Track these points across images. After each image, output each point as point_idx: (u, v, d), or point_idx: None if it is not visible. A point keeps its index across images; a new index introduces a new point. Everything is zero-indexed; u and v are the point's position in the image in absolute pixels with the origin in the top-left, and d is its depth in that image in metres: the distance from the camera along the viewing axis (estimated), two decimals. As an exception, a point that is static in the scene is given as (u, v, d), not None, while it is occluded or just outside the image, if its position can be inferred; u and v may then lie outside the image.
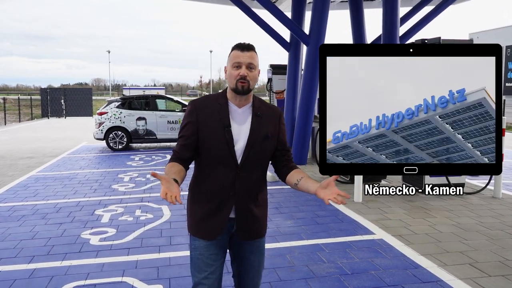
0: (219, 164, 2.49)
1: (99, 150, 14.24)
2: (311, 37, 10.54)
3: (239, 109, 2.53)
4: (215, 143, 2.47)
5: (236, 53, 2.46)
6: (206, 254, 2.54)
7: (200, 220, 2.56)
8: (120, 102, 14.38)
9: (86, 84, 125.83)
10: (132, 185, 8.83)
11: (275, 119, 2.61)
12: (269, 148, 2.57)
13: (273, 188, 8.39)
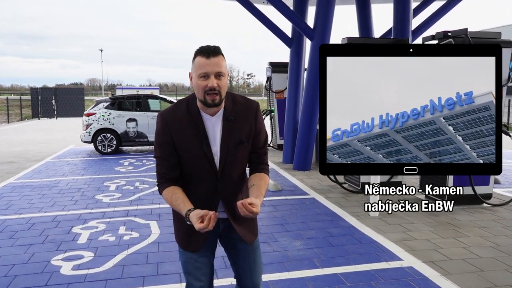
0: (200, 177, 2.41)
1: (87, 154, 13.27)
2: (316, 31, 9.62)
3: (212, 117, 2.38)
4: (193, 157, 2.37)
5: (201, 60, 2.25)
6: (194, 258, 2.51)
7: (187, 234, 2.47)
8: (109, 102, 13.42)
9: (81, 84, 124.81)
10: (118, 195, 7.89)
11: (251, 117, 2.44)
12: (245, 153, 2.46)
13: (275, 199, 7.46)
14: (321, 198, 7.56)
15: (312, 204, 7.18)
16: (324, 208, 6.93)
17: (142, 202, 7.37)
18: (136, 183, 8.92)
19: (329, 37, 9.67)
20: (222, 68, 2.27)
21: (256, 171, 2.53)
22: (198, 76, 2.27)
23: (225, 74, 2.30)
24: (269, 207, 6.99)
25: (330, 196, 7.69)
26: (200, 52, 2.27)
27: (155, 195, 7.89)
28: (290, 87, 11.34)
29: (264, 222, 6.17)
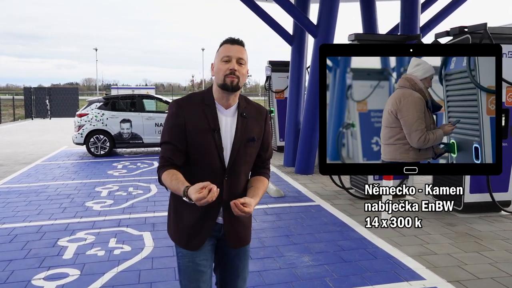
0: (207, 168, 2.35)
1: (79, 156, 12.73)
2: (320, 28, 9.12)
3: (225, 110, 2.39)
4: (204, 146, 2.33)
5: (225, 47, 2.34)
6: (196, 261, 2.42)
7: (187, 229, 2.41)
8: (103, 103, 12.88)
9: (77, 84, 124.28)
10: (109, 202, 7.37)
11: (261, 120, 2.48)
12: (254, 151, 2.46)
13: (278, 207, 6.96)
14: (327, 205, 7.06)
15: (318, 212, 6.68)
16: (332, 216, 6.43)
17: (135, 210, 6.86)
18: (130, 189, 8.40)
19: (334, 34, 9.18)
20: (244, 56, 2.34)
21: (256, 174, 2.54)
22: (221, 59, 2.32)
23: (245, 63, 2.35)
24: (272, 215, 6.49)
25: (336, 203, 7.19)
26: (226, 41, 2.37)
27: (149, 202, 7.38)
28: (292, 86, 10.84)
29: (268, 233, 5.67)
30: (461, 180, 6.50)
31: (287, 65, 13.24)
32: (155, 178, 9.29)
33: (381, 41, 7.49)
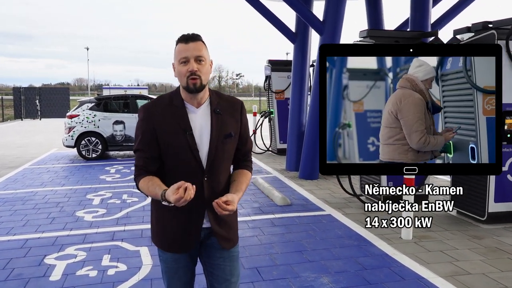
0: (184, 172, 2.27)
1: (69, 160, 12.12)
2: (327, 24, 8.60)
3: (197, 109, 2.32)
4: (177, 150, 2.27)
5: (180, 46, 2.25)
6: (175, 267, 2.41)
7: (171, 234, 2.36)
8: (94, 103, 12.27)
9: (68, 84, 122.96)
10: (102, 212, 6.79)
11: (236, 113, 2.41)
12: (232, 147, 2.40)
13: (286, 217, 6.42)
14: (338, 215, 6.53)
15: (331, 223, 6.15)
16: (346, 228, 5.90)
17: (131, 221, 6.29)
18: (124, 196, 7.82)
19: (341, 31, 8.66)
20: (202, 53, 2.25)
21: (239, 168, 2.49)
22: (179, 62, 2.25)
23: (205, 59, 2.26)
24: (281, 227, 5.95)
25: (348, 213, 6.66)
26: (180, 40, 2.27)
27: (146, 211, 6.81)
28: (294, 86, 10.30)
29: (279, 249, 5.13)
30: (485, 188, 6.00)
31: (287, 65, 12.77)
32: (150, 184, 8.72)
33: (395, 37, 6.97)
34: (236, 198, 2.23)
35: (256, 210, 6.80)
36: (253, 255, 4.95)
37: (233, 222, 2.47)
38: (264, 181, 8.50)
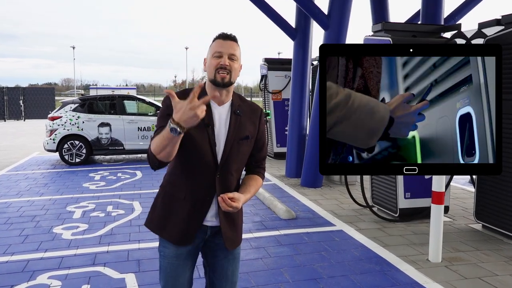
0: (199, 163, 2.30)
1: (51, 165, 11.25)
2: (332, 18, 7.86)
3: (219, 107, 2.34)
4: (196, 140, 2.27)
5: (218, 42, 2.29)
6: (175, 264, 2.39)
7: (173, 222, 2.36)
8: (78, 104, 11.41)
9: (56, 84, 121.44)
10: (83, 227, 5.99)
11: (255, 118, 2.44)
12: (247, 150, 2.41)
13: (293, 233, 5.66)
14: (351, 231, 5.79)
15: (344, 241, 5.40)
16: (363, 248, 5.16)
17: (115, 240, 5.49)
18: (108, 208, 7.01)
19: (347, 25, 7.93)
20: (236, 52, 2.29)
21: (251, 173, 2.50)
22: (212, 55, 2.27)
23: (238, 59, 2.31)
24: (289, 247, 5.19)
25: (362, 228, 5.92)
26: (219, 36, 2.31)
27: (133, 226, 6.01)
28: (294, 86, 9.55)
29: (289, 275, 4.37)
30: None
31: (284, 63, 12.04)
32: (138, 193, 7.93)
33: (412, 31, 6.25)
34: (243, 198, 2.25)
35: (258, 225, 6.03)
36: (260, 284, 4.19)
37: (239, 223, 2.48)
38: (264, 190, 7.74)
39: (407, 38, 6.16)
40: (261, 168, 2.53)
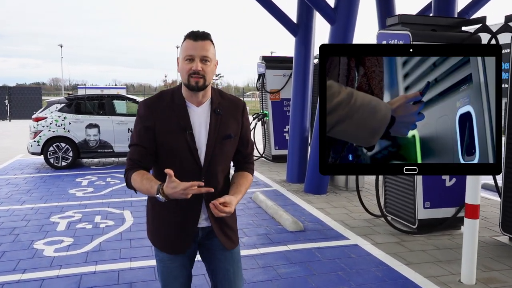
0: (182, 171, 2.16)
1: (35, 169, 10.57)
2: (339, 12, 7.29)
3: (197, 108, 2.25)
4: (176, 148, 2.20)
5: (188, 43, 2.17)
6: (171, 267, 2.34)
7: (165, 234, 2.31)
8: (65, 104, 10.74)
9: (44, 84, 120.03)
10: (68, 242, 5.35)
11: (238, 114, 2.33)
12: (231, 149, 2.33)
13: (302, 249, 5.08)
14: (367, 245, 5.22)
15: (362, 258, 4.83)
16: (384, 267, 4.58)
17: (104, 257, 4.86)
18: (96, 218, 6.38)
19: (355, 20, 7.37)
20: (208, 53, 2.18)
21: (239, 170, 2.43)
22: (184, 58, 2.18)
23: (211, 59, 2.20)
24: (300, 265, 4.60)
25: (379, 242, 5.34)
26: (188, 36, 2.19)
27: (123, 241, 5.39)
28: (296, 85, 8.96)
29: (306, 303, 3.78)
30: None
31: (283, 61, 11.48)
32: (129, 201, 7.30)
33: (432, 25, 5.70)
34: (235, 200, 2.18)
35: (264, 239, 5.44)
36: (273, 314, 3.60)
37: (233, 224, 2.41)
38: (266, 197, 7.14)
39: (427, 32, 5.60)
40: (250, 163, 2.46)
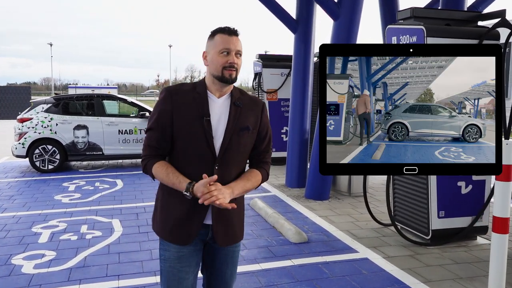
0: (196, 158, 2.25)
1: (20, 172, 10.03)
2: (343, 6, 6.84)
3: (217, 99, 2.31)
4: (192, 134, 2.24)
5: (223, 37, 2.24)
6: (177, 267, 2.32)
7: (173, 223, 2.30)
8: (52, 104, 10.21)
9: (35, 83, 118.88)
10: (50, 256, 4.86)
11: (257, 110, 2.39)
12: (249, 142, 2.34)
13: (308, 264, 4.62)
14: (378, 259, 4.77)
15: (375, 275, 4.37)
16: (401, 285, 4.13)
17: (90, 274, 4.38)
18: (83, 228, 5.88)
19: (360, 15, 6.93)
20: (241, 48, 2.28)
21: (252, 167, 2.42)
22: (219, 51, 2.22)
23: (241, 55, 2.29)
24: (306, 283, 4.13)
25: (391, 255, 4.90)
26: (222, 30, 2.25)
27: (111, 254, 4.91)
28: (295, 85, 8.51)
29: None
30: None
31: (280, 60, 11.03)
32: (119, 208, 6.80)
33: (446, 19, 5.27)
34: (228, 192, 2.16)
35: (265, 252, 4.98)
36: None
37: (238, 220, 2.39)
38: (265, 204, 6.68)
39: (441, 27, 5.17)
40: (264, 163, 2.42)
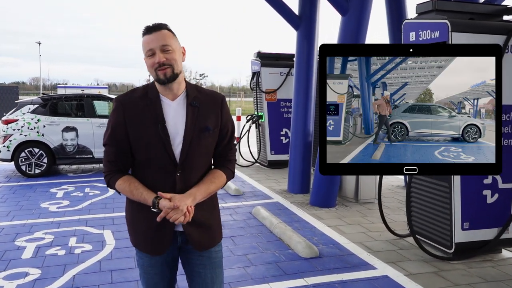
0: (156, 167, 2.18)
1: (5, 177, 9.46)
2: (352, 1, 6.40)
3: (172, 102, 2.22)
4: (148, 143, 2.16)
5: (145, 38, 2.16)
6: (151, 273, 2.30)
7: (144, 234, 2.24)
8: (39, 105, 9.66)
9: (24, 83, 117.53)
10: (35, 275, 4.35)
11: (217, 107, 2.29)
12: (210, 142, 2.26)
13: (323, 284, 4.15)
14: (400, 277, 4.32)
15: (399, 296, 3.92)
16: None
17: (78, 298, 3.88)
18: (71, 240, 5.37)
19: (370, 9, 6.48)
20: (167, 41, 2.14)
21: (216, 167, 2.35)
22: (146, 55, 2.16)
23: (173, 47, 2.15)
24: (326, 308, 3.67)
25: (413, 272, 4.45)
26: (143, 32, 2.17)
27: (103, 272, 4.41)
28: (298, 84, 8.04)
29: None
30: None
31: (279, 59, 10.60)
32: (110, 217, 6.31)
33: (470, 13, 4.84)
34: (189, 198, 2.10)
35: (274, 269, 4.50)
36: None
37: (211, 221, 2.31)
38: (269, 213, 6.21)
39: (465, 21, 4.73)
40: (228, 161, 2.35)
